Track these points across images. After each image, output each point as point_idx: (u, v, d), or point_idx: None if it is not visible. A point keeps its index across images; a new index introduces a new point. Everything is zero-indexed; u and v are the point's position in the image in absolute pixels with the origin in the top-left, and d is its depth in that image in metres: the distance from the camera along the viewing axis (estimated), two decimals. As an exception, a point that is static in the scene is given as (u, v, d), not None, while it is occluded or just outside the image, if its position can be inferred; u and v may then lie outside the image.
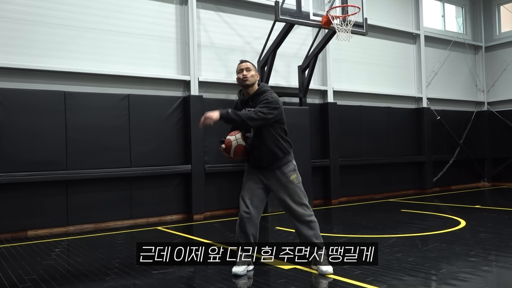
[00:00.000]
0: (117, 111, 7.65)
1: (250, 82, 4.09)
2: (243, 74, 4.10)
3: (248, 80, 4.08)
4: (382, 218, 7.55)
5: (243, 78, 4.09)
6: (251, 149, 4.10)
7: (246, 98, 4.18)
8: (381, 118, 11.20)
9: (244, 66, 4.12)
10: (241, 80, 4.11)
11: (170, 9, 8.46)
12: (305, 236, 4.04)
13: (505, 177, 13.16)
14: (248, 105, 4.14)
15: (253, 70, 4.13)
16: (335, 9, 7.93)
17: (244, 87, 4.15)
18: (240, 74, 4.12)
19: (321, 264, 4.01)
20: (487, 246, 5.04)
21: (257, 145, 4.05)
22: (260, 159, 4.07)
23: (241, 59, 4.23)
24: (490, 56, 13.74)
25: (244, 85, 4.12)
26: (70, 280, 4.19)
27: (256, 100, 4.09)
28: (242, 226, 4.08)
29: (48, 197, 7.01)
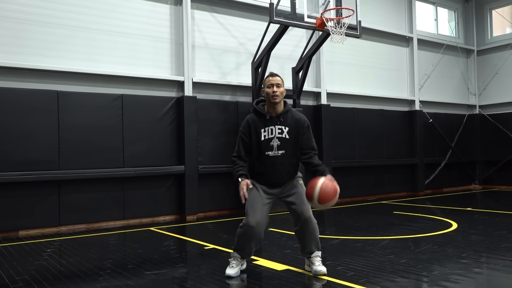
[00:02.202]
0: (111, 111, 7.62)
1: (279, 99, 3.91)
2: (273, 90, 3.89)
3: (278, 97, 3.90)
4: (374, 220, 7.58)
5: (273, 95, 3.88)
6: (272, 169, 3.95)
7: (274, 115, 3.96)
8: (374, 121, 11.26)
9: (275, 82, 3.91)
10: (270, 96, 3.89)
11: (164, 9, 8.45)
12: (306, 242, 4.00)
13: (496, 180, 13.28)
14: (276, 123, 3.95)
15: (282, 86, 3.96)
16: (329, 12, 7.96)
17: (272, 103, 3.92)
18: (270, 90, 3.90)
19: (315, 265, 4.02)
20: (478, 248, 5.09)
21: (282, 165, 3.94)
22: (282, 177, 3.99)
23: (271, 71, 4.05)
24: (482, 60, 13.86)
25: (272, 102, 3.90)
26: (62, 280, 4.16)
27: (285, 118, 3.96)
28: (249, 238, 3.91)
29: (40, 197, 6.97)
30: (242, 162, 3.99)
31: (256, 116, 4.02)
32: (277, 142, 3.93)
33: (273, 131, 3.95)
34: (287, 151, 3.94)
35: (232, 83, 9.07)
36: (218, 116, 8.75)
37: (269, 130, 3.95)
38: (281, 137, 3.94)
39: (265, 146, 3.94)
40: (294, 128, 3.96)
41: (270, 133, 3.95)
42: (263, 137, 3.95)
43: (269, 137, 3.94)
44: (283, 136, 3.94)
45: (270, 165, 3.95)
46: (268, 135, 3.94)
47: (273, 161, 3.94)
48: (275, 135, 3.94)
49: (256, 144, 3.96)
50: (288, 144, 3.95)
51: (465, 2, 13.96)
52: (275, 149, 3.93)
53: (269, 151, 3.94)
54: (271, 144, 3.94)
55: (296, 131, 3.97)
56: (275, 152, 3.93)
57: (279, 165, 3.94)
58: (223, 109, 8.84)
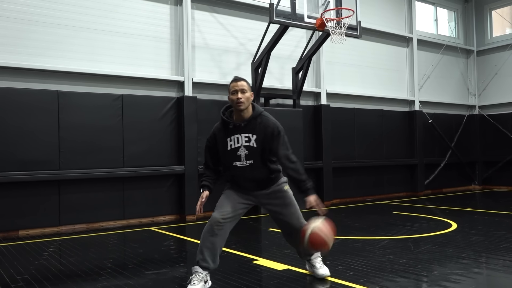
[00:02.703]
0: (111, 111, 7.63)
1: (245, 106, 3.57)
2: (237, 96, 3.54)
3: (243, 104, 3.55)
4: (374, 220, 7.59)
5: (237, 101, 3.54)
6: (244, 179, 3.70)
7: (240, 123, 3.62)
8: (373, 121, 11.27)
9: (239, 87, 3.56)
10: (235, 103, 3.56)
11: (164, 9, 8.46)
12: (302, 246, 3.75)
13: (495, 180, 13.29)
14: (243, 131, 3.61)
15: (248, 91, 3.59)
16: (329, 12, 7.97)
17: (238, 110, 3.60)
18: (234, 96, 3.56)
19: (317, 267, 3.94)
20: (478, 248, 5.10)
21: (253, 175, 3.66)
22: (255, 186, 3.73)
23: (235, 76, 3.76)
24: (482, 60, 13.87)
25: (238, 109, 3.58)
26: (62, 280, 4.17)
27: (253, 125, 3.61)
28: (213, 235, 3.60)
29: (40, 196, 6.98)
30: (209, 172, 3.78)
31: (222, 125, 3.71)
32: (244, 151, 3.60)
33: (239, 139, 3.61)
34: (255, 160, 3.61)
35: (232, 83, 9.06)
36: (218, 116, 8.61)
37: (235, 139, 3.62)
38: (249, 146, 3.59)
39: (233, 156, 3.63)
40: (262, 136, 3.59)
41: (236, 142, 3.62)
42: (229, 147, 3.64)
43: (235, 147, 3.62)
44: (251, 144, 3.59)
45: (240, 176, 3.68)
46: (234, 144, 3.62)
47: (242, 172, 3.64)
48: (242, 144, 3.60)
49: (223, 154, 3.69)
50: (256, 152, 3.60)
51: (465, 3, 13.98)
52: (243, 159, 3.61)
53: (237, 162, 3.62)
54: (238, 154, 3.62)
55: (265, 139, 3.60)
56: (243, 162, 3.61)
57: (250, 176, 3.66)
58: (223, 109, 8.83)
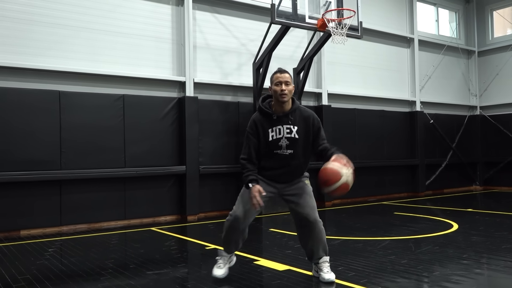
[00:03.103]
0: (112, 111, 7.64)
1: (288, 98, 3.70)
2: (281, 88, 3.66)
3: (287, 96, 3.68)
4: (375, 221, 7.59)
5: (281, 93, 3.66)
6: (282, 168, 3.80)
7: (282, 114, 3.75)
8: (374, 121, 11.27)
9: (284, 79, 3.67)
10: (278, 95, 3.68)
11: (165, 9, 8.47)
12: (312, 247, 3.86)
13: (496, 181, 13.28)
14: (284, 122, 3.74)
15: (291, 84, 3.72)
16: (330, 13, 7.97)
17: (280, 102, 3.72)
18: (278, 88, 3.67)
19: (323, 271, 3.85)
20: (479, 249, 5.09)
21: (290, 165, 3.79)
22: (289, 176, 3.84)
23: (279, 67, 3.82)
24: (483, 61, 13.86)
25: (280, 101, 3.70)
26: (64, 280, 4.17)
27: (294, 117, 3.76)
28: (236, 229, 3.81)
29: (42, 196, 6.98)
30: (252, 166, 3.77)
31: (262, 116, 3.81)
32: (285, 142, 3.74)
33: (281, 131, 3.75)
34: (296, 150, 3.77)
35: (234, 84, 9.09)
36: (219, 117, 8.77)
37: (277, 130, 3.75)
38: (290, 137, 3.74)
39: (274, 146, 3.76)
40: (303, 127, 3.78)
41: (278, 133, 3.75)
42: (271, 137, 3.75)
43: (277, 137, 3.74)
44: (292, 135, 3.75)
45: (277, 164, 3.79)
46: (276, 135, 3.75)
47: (281, 160, 3.77)
48: (284, 135, 3.74)
49: (264, 144, 3.78)
50: (297, 143, 3.77)
51: (466, 3, 13.97)
52: (283, 148, 3.75)
53: (278, 150, 3.76)
54: (279, 144, 3.75)
55: (306, 129, 3.79)
56: (284, 151, 3.75)
57: (287, 164, 3.79)
58: (224, 109, 8.85)
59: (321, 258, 3.90)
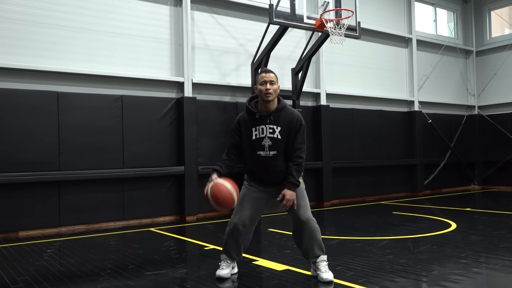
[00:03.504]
0: (111, 112, 7.64)
1: (272, 97, 3.74)
2: (266, 87, 3.71)
3: (271, 95, 3.72)
4: (374, 220, 7.60)
5: (265, 92, 3.71)
6: (264, 169, 3.83)
7: (266, 114, 3.79)
8: (373, 121, 11.28)
9: (268, 78, 3.73)
10: (263, 94, 3.72)
11: (164, 10, 8.47)
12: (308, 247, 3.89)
13: (494, 180, 13.30)
14: (267, 122, 3.77)
15: (276, 83, 3.76)
16: (328, 13, 7.98)
17: (264, 101, 3.76)
18: (263, 87, 3.72)
19: (321, 271, 3.86)
20: (477, 248, 5.11)
21: (274, 166, 3.79)
22: (276, 177, 3.84)
23: (264, 67, 3.82)
24: (481, 61, 13.89)
25: (265, 100, 3.74)
26: (63, 281, 4.17)
27: (278, 117, 3.78)
28: (235, 237, 3.91)
29: (40, 197, 6.98)
30: (226, 160, 3.88)
31: (247, 115, 3.88)
32: (268, 142, 3.76)
33: (264, 130, 3.78)
34: (279, 151, 3.77)
35: (232, 84, 9.09)
36: (217, 117, 8.77)
37: (260, 130, 3.79)
38: (273, 137, 3.76)
39: (257, 146, 3.80)
40: (286, 128, 3.77)
41: (261, 133, 3.78)
42: (254, 136, 3.80)
43: (260, 137, 3.78)
44: (275, 136, 3.76)
45: (262, 165, 3.82)
46: (259, 135, 3.79)
47: (264, 162, 3.79)
48: (266, 135, 3.77)
49: (247, 143, 3.84)
50: (280, 144, 3.77)
51: (464, 3, 13.99)
52: (266, 149, 3.77)
53: (261, 151, 3.79)
54: (262, 143, 3.78)
55: (289, 130, 3.78)
56: (267, 152, 3.77)
57: (271, 166, 3.80)
58: (222, 110, 8.86)
59: (318, 257, 3.91)
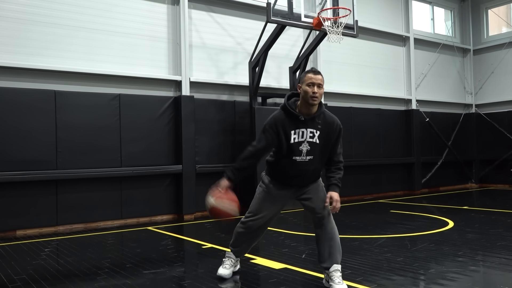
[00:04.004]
0: (108, 111, 7.63)
1: (318, 101, 3.48)
2: (313, 90, 3.43)
3: (317, 99, 3.46)
4: (371, 219, 7.61)
5: (312, 95, 3.43)
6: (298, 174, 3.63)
7: (307, 117, 3.52)
8: (371, 120, 11.30)
9: (317, 81, 3.44)
10: (309, 96, 3.43)
11: (161, 9, 8.46)
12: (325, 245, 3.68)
13: (492, 179, 13.34)
14: (309, 125, 3.53)
15: (323, 87, 3.52)
16: (326, 11, 7.98)
17: (308, 104, 3.48)
18: (310, 89, 3.43)
19: (335, 282, 3.57)
20: (475, 246, 5.12)
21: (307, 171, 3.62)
22: (305, 181, 3.69)
23: (312, 67, 3.64)
24: (478, 59, 13.92)
25: (310, 103, 3.46)
26: (60, 280, 4.17)
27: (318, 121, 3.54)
28: (248, 238, 3.89)
29: (38, 196, 6.97)
30: (244, 165, 3.66)
31: (286, 115, 3.55)
32: (307, 146, 3.53)
33: (305, 134, 3.52)
34: (315, 157, 3.57)
35: (230, 83, 9.09)
36: (215, 116, 8.77)
37: (300, 133, 3.52)
38: (312, 142, 3.53)
39: (294, 150, 3.53)
40: (325, 132, 3.56)
41: (301, 136, 3.52)
42: (292, 140, 3.51)
43: (299, 141, 3.52)
44: (314, 140, 3.53)
45: (294, 169, 3.60)
46: (299, 138, 3.52)
47: (299, 167, 3.58)
48: (306, 139, 3.52)
49: (284, 146, 3.54)
50: (317, 149, 3.56)
51: (461, 2, 14.01)
52: (304, 154, 3.54)
53: (297, 156, 3.54)
54: (300, 148, 3.52)
55: (327, 135, 3.57)
56: (303, 157, 3.55)
57: (305, 170, 3.60)
58: (220, 108, 8.85)
59: (334, 265, 3.65)
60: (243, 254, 4.10)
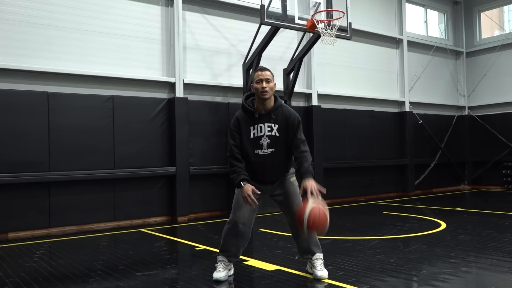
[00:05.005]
0: (101, 113, 7.60)
1: (269, 95, 3.74)
2: (262, 86, 3.72)
3: (267, 93, 3.72)
4: (365, 220, 7.64)
5: (262, 90, 3.72)
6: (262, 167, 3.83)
7: (264, 112, 3.80)
8: (364, 122, 11.34)
9: (264, 76, 3.73)
10: (259, 92, 3.73)
11: (155, 10, 8.45)
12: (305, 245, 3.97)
13: (484, 181, 13.42)
14: (266, 120, 3.79)
15: (272, 81, 3.78)
16: (320, 14, 8.01)
17: (261, 99, 3.77)
18: (259, 85, 3.73)
19: (317, 268, 3.95)
20: (467, 248, 5.15)
21: (272, 163, 3.82)
22: (273, 175, 3.89)
23: (260, 65, 3.80)
24: (471, 62, 14.01)
25: (262, 98, 3.75)
26: (52, 282, 4.15)
27: (275, 115, 3.80)
28: (235, 236, 3.89)
29: (30, 198, 6.93)
30: (239, 163, 3.80)
31: (244, 113, 3.86)
32: (266, 140, 3.78)
33: (263, 129, 3.80)
34: (277, 149, 3.80)
35: (224, 85, 9.09)
36: (209, 117, 8.76)
37: (258, 128, 3.80)
38: (271, 135, 3.78)
39: (255, 145, 3.80)
40: (284, 125, 3.80)
41: (260, 131, 3.80)
42: (252, 135, 3.80)
43: (258, 135, 3.79)
44: (273, 134, 3.79)
45: (260, 164, 3.82)
46: (258, 133, 3.80)
47: (263, 160, 3.81)
48: (265, 133, 3.79)
49: (245, 142, 3.82)
50: (278, 142, 3.80)
51: (454, 5, 14.11)
52: (265, 147, 3.79)
53: (259, 150, 3.80)
54: (260, 142, 3.79)
55: (286, 128, 3.81)
56: (265, 150, 3.79)
57: (269, 163, 3.82)
58: (214, 110, 8.85)
59: (314, 254, 3.99)
60: (234, 258, 4.03)
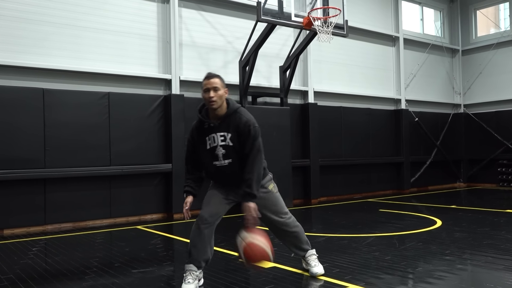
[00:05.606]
0: (97, 109, 7.58)
1: (217, 105, 3.47)
2: (209, 95, 3.45)
3: (215, 103, 3.45)
4: (360, 218, 7.65)
5: (209, 100, 3.45)
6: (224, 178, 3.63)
7: (216, 124, 3.53)
8: (360, 119, 11.35)
9: (212, 85, 3.46)
10: (207, 102, 3.48)
11: (151, 7, 8.42)
12: (293, 245, 3.99)
13: (480, 178, 13.49)
14: (218, 130, 3.53)
15: (221, 89, 3.50)
16: (316, 11, 8.01)
17: (212, 109, 3.51)
18: (207, 95, 3.47)
19: (311, 265, 3.97)
20: (462, 245, 5.17)
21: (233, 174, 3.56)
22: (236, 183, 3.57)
23: (208, 72, 3.63)
24: (467, 60, 14.05)
25: (211, 108, 3.50)
26: (48, 279, 4.14)
27: (227, 123, 3.51)
28: (203, 237, 3.53)
29: (26, 195, 6.90)
30: (188, 174, 3.71)
31: (199, 124, 3.62)
32: (221, 150, 3.52)
33: (215, 139, 3.53)
34: (233, 159, 3.53)
35: (220, 82, 9.05)
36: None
37: (212, 138, 3.55)
38: (225, 145, 3.51)
39: (212, 156, 3.56)
40: (236, 134, 3.50)
41: (213, 142, 3.54)
42: (208, 145, 3.56)
43: (213, 146, 3.54)
44: (226, 143, 3.51)
45: (221, 174, 3.60)
46: (212, 144, 3.55)
47: (222, 171, 3.57)
48: (218, 143, 3.52)
49: (203, 153, 3.61)
50: (233, 151, 3.52)
51: (451, 3, 14.13)
52: (221, 158, 3.53)
53: (216, 161, 3.56)
54: (216, 153, 3.54)
55: (238, 137, 3.50)
56: (222, 162, 3.54)
57: (231, 174, 3.57)
58: (210, 107, 8.82)
59: (306, 252, 4.00)
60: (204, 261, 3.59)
